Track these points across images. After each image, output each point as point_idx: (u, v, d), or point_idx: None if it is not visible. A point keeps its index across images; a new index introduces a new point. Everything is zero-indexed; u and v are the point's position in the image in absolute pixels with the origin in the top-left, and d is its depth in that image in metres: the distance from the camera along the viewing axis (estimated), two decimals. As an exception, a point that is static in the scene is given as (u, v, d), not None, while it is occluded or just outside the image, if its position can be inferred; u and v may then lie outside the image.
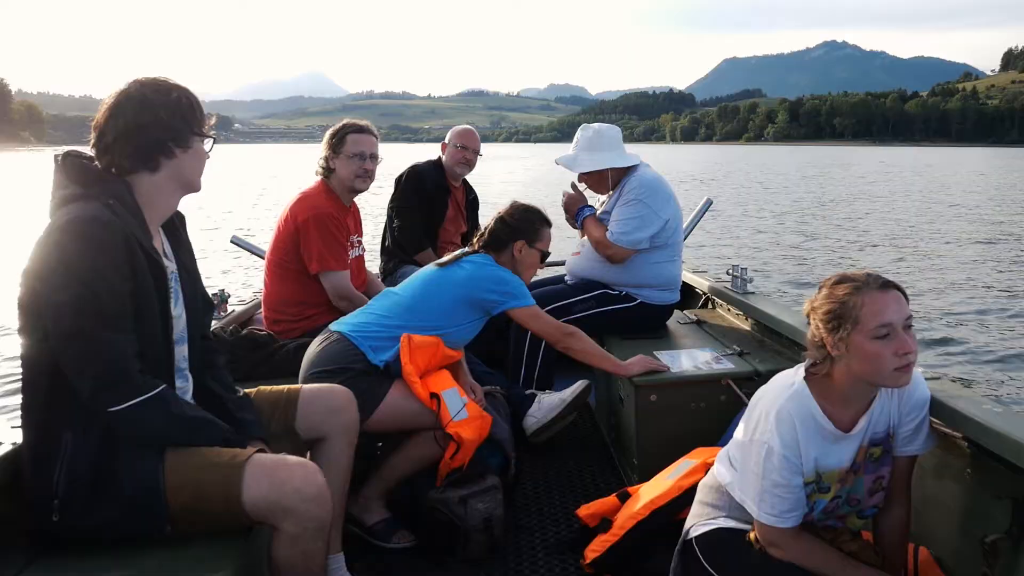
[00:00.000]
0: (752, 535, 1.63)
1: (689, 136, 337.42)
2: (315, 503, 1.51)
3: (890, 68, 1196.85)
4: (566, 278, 3.30)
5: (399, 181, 3.82)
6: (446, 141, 3.90)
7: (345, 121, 2.99)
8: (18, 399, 1.51)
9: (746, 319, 3.14)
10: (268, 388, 1.96)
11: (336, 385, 2.03)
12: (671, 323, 3.19)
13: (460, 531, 2.17)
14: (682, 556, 1.76)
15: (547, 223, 2.61)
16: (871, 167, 50.06)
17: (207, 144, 1.65)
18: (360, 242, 3.08)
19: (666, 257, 3.09)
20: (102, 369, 1.40)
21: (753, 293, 3.19)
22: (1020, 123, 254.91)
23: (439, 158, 3.91)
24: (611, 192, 3.21)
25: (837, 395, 1.56)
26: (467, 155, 3.85)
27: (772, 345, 2.83)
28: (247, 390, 1.88)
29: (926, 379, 1.77)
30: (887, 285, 1.49)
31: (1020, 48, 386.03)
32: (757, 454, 1.56)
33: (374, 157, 2.91)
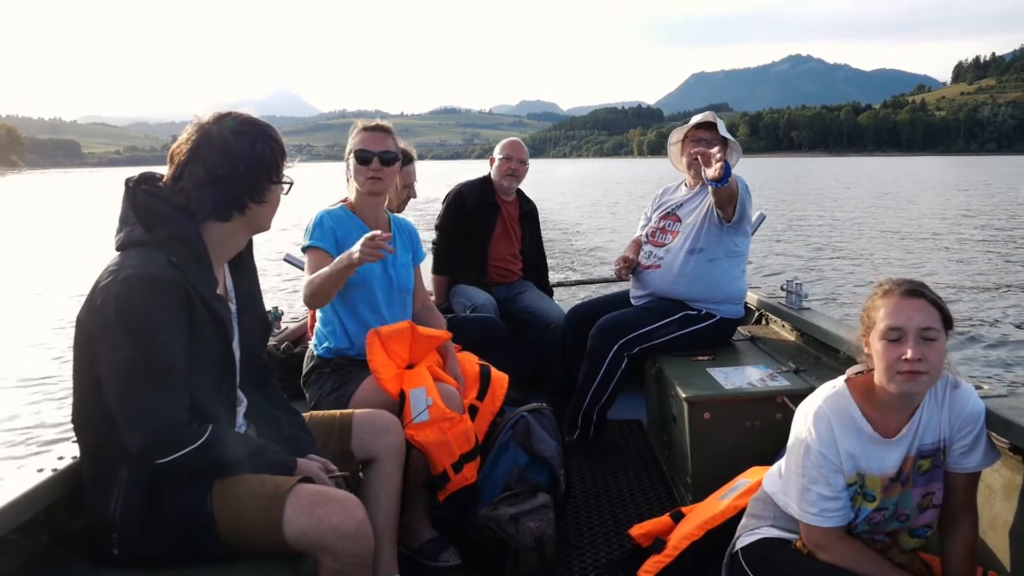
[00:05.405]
0: (799, 542, 1.63)
1: (655, 150, 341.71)
2: (353, 540, 1.50)
3: (853, 81, 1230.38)
4: (632, 299, 3.15)
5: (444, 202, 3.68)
6: (493, 155, 3.69)
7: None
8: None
9: (801, 335, 3.04)
10: (320, 413, 2.02)
11: (383, 411, 2.06)
12: (724, 340, 3.10)
13: (511, 549, 2.15)
14: (729, 570, 1.75)
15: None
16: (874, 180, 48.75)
17: (284, 188, 1.61)
18: None
19: (740, 271, 3.04)
20: (149, 428, 1.40)
21: (808, 308, 3.09)
22: (965, 133, 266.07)
23: (488, 174, 3.70)
24: (696, 184, 3.07)
25: (877, 399, 1.58)
26: (511, 165, 3.58)
27: (828, 362, 2.73)
28: (303, 414, 1.91)
29: (994, 396, 1.76)
30: (912, 292, 1.51)
31: (969, 61, 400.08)
32: (797, 453, 1.60)
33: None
